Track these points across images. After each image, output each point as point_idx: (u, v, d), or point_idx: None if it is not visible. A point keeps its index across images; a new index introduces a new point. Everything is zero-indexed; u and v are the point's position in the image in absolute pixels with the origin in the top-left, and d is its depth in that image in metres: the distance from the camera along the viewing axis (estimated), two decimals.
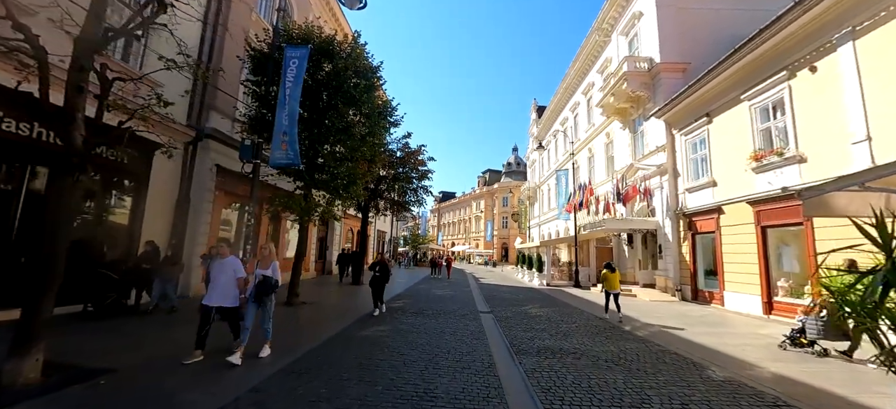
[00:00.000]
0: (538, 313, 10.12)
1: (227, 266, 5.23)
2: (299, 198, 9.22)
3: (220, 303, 5.07)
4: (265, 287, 5.32)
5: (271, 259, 5.56)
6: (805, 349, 6.41)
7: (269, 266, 5.47)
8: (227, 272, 5.18)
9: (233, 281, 5.18)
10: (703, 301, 12.73)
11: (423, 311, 9.70)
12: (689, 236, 13.54)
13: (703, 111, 12.92)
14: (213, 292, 5.10)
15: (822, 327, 6.11)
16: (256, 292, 5.28)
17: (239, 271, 5.23)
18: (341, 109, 8.77)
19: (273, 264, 5.52)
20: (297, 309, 9.08)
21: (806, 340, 6.40)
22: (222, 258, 5.32)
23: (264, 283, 5.33)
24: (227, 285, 5.14)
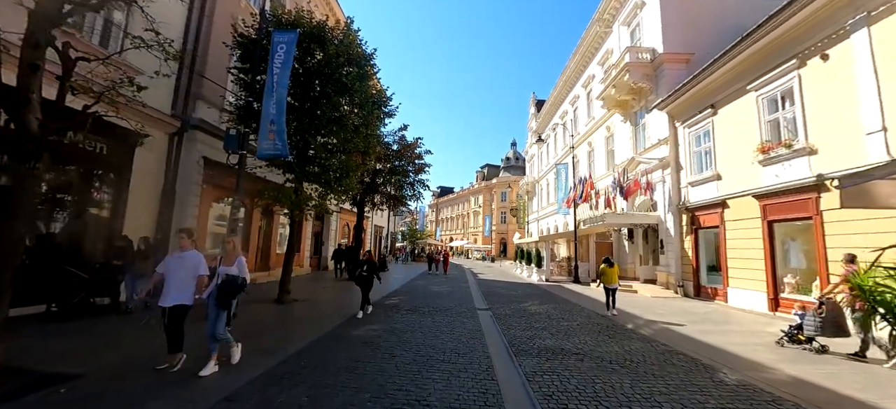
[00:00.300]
0: (537, 310, 9.80)
1: (188, 261, 4.51)
2: (289, 191, 8.84)
3: (174, 302, 4.36)
4: (229, 288, 4.57)
5: (236, 255, 4.85)
6: (802, 345, 6.26)
7: (233, 263, 4.76)
8: (185, 268, 4.47)
9: (191, 279, 4.47)
10: (706, 298, 12.44)
11: (419, 308, 9.37)
12: (692, 231, 13.23)
13: (708, 103, 12.56)
14: (169, 291, 4.39)
15: (820, 324, 6.02)
16: (219, 293, 4.51)
17: (200, 268, 4.54)
18: (333, 98, 8.36)
19: (238, 261, 4.80)
20: (287, 307, 8.73)
21: (803, 336, 6.27)
22: (182, 251, 4.61)
23: (229, 283, 4.57)
24: (185, 282, 4.43)
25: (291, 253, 9.53)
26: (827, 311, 6.08)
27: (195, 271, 4.50)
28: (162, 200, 9.25)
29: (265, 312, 8.19)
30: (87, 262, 6.77)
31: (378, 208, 16.87)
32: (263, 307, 8.58)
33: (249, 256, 12.82)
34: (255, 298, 9.62)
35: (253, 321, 7.19)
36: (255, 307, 8.50)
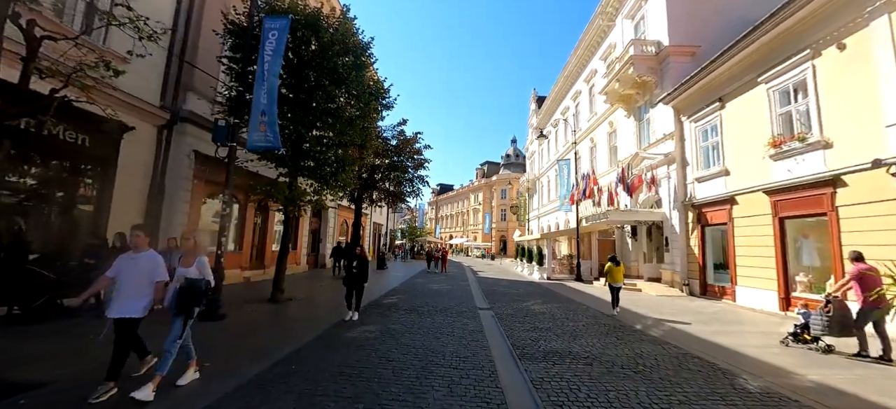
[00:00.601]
0: (541, 309, 9.46)
1: (142, 263, 3.75)
2: (283, 186, 8.48)
3: (122, 314, 3.62)
4: (190, 294, 3.85)
5: (197, 254, 4.16)
6: (808, 345, 6.10)
7: (192, 263, 4.04)
8: (140, 271, 3.72)
9: (146, 285, 3.74)
10: (713, 296, 12.11)
11: (418, 308, 9.03)
12: (698, 228, 12.88)
13: (716, 96, 12.19)
14: (118, 299, 3.65)
15: (827, 323, 5.87)
16: (178, 300, 3.82)
17: (157, 272, 3.81)
18: (328, 88, 7.99)
19: (199, 261, 4.09)
20: (280, 307, 8.38)
21: (809, 336, 6.11)
22: (136, 251, 3.81)
23: (189, 288, 3.86)
24: (139, 288, 3.70)
25: (285, 250, 9.18)
26: (834, 310, 5.90)
27: (152, 276, 3.78)
28: (150, 195, 8.89)
29: (257, 311, 7.84)
30: (57, 261, 6.26)
31: (376, 204, 16.48)
32: (256, 307, 8.24)
33: (244, 253, 12.48)
34: (248, 297, 9.30)
35: (244, 322, 6.85)
36: (248, 307, 8.16)
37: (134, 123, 8.36)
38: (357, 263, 7.64)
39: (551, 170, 31.51)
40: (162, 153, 9.17)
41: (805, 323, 6.22)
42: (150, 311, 3.81)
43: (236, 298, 9.10)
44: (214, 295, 6.74)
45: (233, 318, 6.96)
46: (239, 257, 12.24)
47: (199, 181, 10.20)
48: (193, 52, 9.93)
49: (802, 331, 6.22)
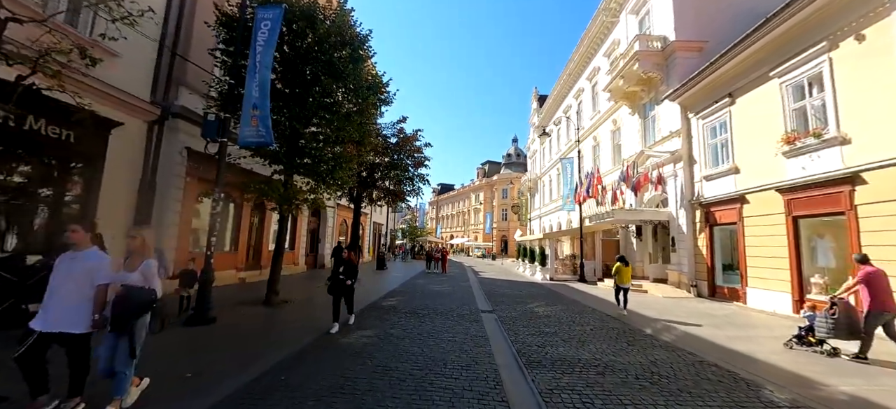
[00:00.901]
0: (546, 312, 9.11)
1: (83, 263, 3.18)
2: (278, 184, 8.14)
3: (58, 328, 3.05)
4: (128, 305, 3.18)
5: (144, 255, 3.39)
6: (813, 347, 5.99)
7: (137, 267, 3.31)
8: (79, 274, 3.15)
9: (85, 291, 3.16)
10: (722, 298, 11.75)
11: (418, 311, 8.68)
12: (707, 228, 12.52)
13: (725, 92, 11.83)
14: (49, 308, 3.07)
15: (833, 326, 5.76)
16: (114, 312, 3.16)
17: (99, 274, 3.21)
18: (324, 81, 7.64)
19: (145, 265, 3.33)
20: (274, 310, 8.04)
21: (814, 338, 6.02)
22: (76, 250, 3.24)
23: (127, 298, 3.20)
24: (77, 295, 3.12)
25: (281, 251, 8.84)
26: (839, 312, 5.77)
27: (92, 279, 3.17)
28: (140, 193, 8.55)
29: (250, 314, 7.51)
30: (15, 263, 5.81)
31: (376, 204, 16.14)
32: (249, 310, 7.90)
33: (239, 253, 12.15)
34: (242, 298, 8.97)
35: (234, 326, 6.51)
36: (240, 310, 7.82)
37: (122, 118, 8.02)
38: (343, 268, 6.71)
39: (553, 169, 31.16)
40: (153, 150, 8.84)
41: (810, 326, 6.10)
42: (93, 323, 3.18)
43: (229, 299, 8.77)
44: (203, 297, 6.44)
45: (223, 321, 6.63)
46: (234, 257, 11.91)
47: (192, 179, 9.87)
48: (186, 46, 9.60)
49: (807, 334, 6.10)
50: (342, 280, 6.66)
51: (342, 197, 15.68)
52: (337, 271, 6.74)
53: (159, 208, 8.96)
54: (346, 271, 6.73)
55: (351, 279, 6.74)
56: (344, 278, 6.68)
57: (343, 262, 6.76)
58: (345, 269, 6.71)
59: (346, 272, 6.70)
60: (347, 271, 6.74)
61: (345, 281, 6.69)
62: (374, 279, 15.78)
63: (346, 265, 6.75)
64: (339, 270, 6.73)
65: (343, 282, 6.67)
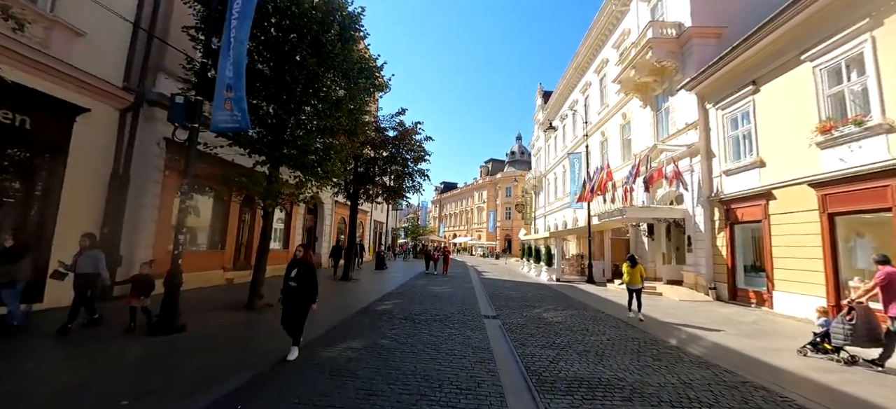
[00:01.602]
0: (555, 318, 8.30)
1: None
2: (259, 176, 7.36)
3: None
4: None
5: None
6: (829, 355, 5.66)
7: None
8: None
9: None
10: (744, 302, 10.89)
11: (415, 316, 7.90)
12: (727, 226, 11.64)
13: (748, 79, 10.94)
14: None
15: (850, 332, 5.38)
16: None
17: None
18: (309, 61, 6.86)
19: None
20: (255, 315, 7.28)
21: (830, 345, 5.67)
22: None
23: None
24: None
25: (265, 250, 8.09)
26: (857, 318, 5.39)
27: None
28: (111, 187, 7.83)
29: (226, 322, 6.75)
30: None
31: (374, 201, 15.35)
32: (227, 315, 7.15)
33: (227, 252, 11.42)
34: (223, 301, 8.23)
35: (203, 336, 5.76)
36: (217, 316, 7.07)
37: (89, 104, 7.30)
38: (297, 273, 4.82)
39: (558, 166, 30.31)
40: (126, 140, 8.11)
41: (825, 332, 5.76)
42: None
43: (210, 303, 8.04)
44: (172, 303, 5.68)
45: (193, 330, 5.88)
46: (221, 256, 11.18)
47: (172, 173, 9.12)
48: (165, 27, 8.86)
49: (823, 340, 5.77)
50: (293, 290, 4.78)
51: (339, 194, 14.92)
52: (288, 279, 4.86)
53: (134, 203, 8.24)
54: (300, 278, 4.79)
55: (307, 292, 4.80)
56: (296, 283, 4.77)
57: (298, 264, 4.87)
58: (297, 274, 4.80)
59: (298, 278, 4.78)
60: (301, 277, 4.79)
61: (298, 293, 4.77)
62: (372, 280, 15.03)
63: (299, 269, 4.83)
64: (291, 276, 4.83)
65: (295, 293, 4.78)
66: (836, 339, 5.54)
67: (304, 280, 4.83)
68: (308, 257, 5.02)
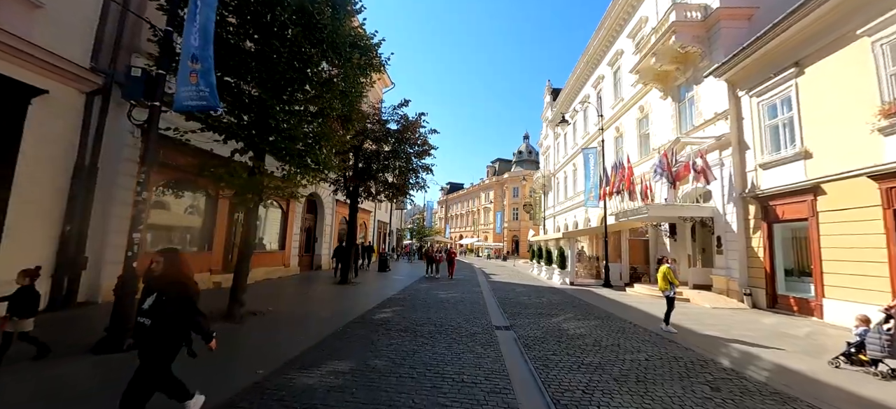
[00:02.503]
0: (578, 329, 7.24)
1: None
2: (237, 167, 6.42)
3: None
4: None
5: None
6: (864, 367, 5.14)
7: None
8: None
9: None
10: (785, 309, 9.72)
11: (416, 327, 6.90)
12: (764, 225, 10.48)
13: (789, 61, 9.79)
14: None
15: (888, 343, 4.94)
16: None
17: None
18: (293, 33, 5.91)
19: None
20: (232, 328, 6.31)
21: (866, 357, 5.14)
22: None
23: None
24: None
25: (247, 252, 7.16)
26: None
27: None
28: (75, 179, 6.95)
29: None
30: None
31: (376, 199, 14.41)
32: None
33: (215, 254, 10.53)
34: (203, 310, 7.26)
35: None
36: None
37: (47, 85, 6.42)
38: (154, 302, 2.85)
39: (569, 165, 29.18)
40: (93, 128, 7.23)
41: (860, 342, 5.23)
42: None
43: None
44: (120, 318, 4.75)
45: None
46: (208, 258, 10.29)
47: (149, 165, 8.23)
48: (142, 3, 7.98)
49: (858, 351, 5.25)
50: (144, 331, 2.81)
51: (338, 192, 14.02)
52: (140, 307, 2.88)
53: (103, 198, 7.36)
54: (156, 312, 2.82)
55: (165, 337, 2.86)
56: (148, 326, 2.80)
57: (156, 287, 2.91)
58: (154, 304, 2.83)
59: (153, 311, 2.82)
60: (159, 310, 2.83)
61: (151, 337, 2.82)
62: (373, 283, 14.08)
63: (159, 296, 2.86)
64: (144, 307, 2.84)
65: (146, 337, 2.82)
66: (871, 350, 5.04)
67: (162, 315, 2.81)
68: (174, 273, 2.99)
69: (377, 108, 13.62)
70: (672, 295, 7.38)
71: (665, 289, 7.43)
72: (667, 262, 7.62)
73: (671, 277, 7.38)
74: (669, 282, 7.35)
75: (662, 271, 7.54)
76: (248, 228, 7.10)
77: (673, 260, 9.23)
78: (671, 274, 7.39)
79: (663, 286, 7.48)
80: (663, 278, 7.47)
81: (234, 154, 6.52)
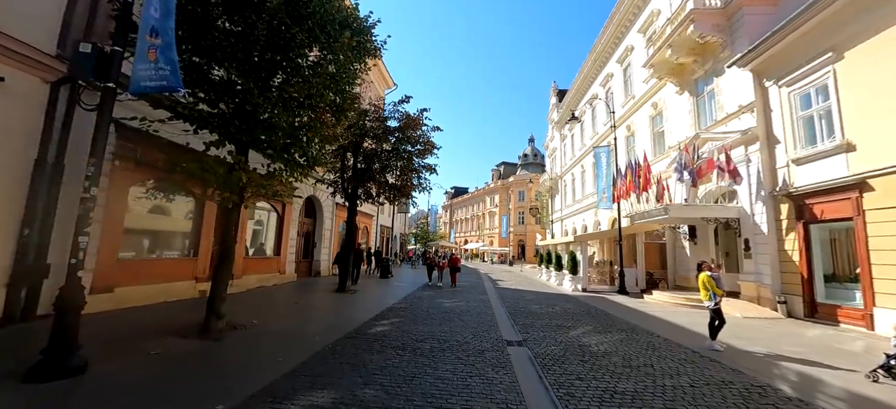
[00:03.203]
0: (601, 345, 6.36)
1: None
2: (210, 161, 5.65)
3: None
4: None
5: None
6: None
7: None
8: None
9: None
10: (827, 320, 8.76)
11: (417, 343, 6.06)
12: (799, 226, 9.55)
13: (824, 46, 8.92)
14: None
15: None
16: None
17: None
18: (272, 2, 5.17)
19: None
20: (205, 347, 5.50)
21: None
22: None
23: None
24: None
25: (228, 256, 6.38)
26: None
27: None
28: (36, 177, 6.24)
29: (162, 353, 5.01)
30: None
31: (376, 201, 13.62)
32: (168, 344, 5.39)
33: (200, 259, 9.78)
34: (176, 324, 6.47)
35: (98, 387, 3.97)
36: (153, 345, 5.30)
37: (3, 71, 5.75)
38: None
39: (576, 167, 28.31)
40: (59, 120, 6.53)
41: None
42: None
43: (159, 325, 6.33)
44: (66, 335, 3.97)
45: (98, 370, 4.15)
46: (192, 264, 9.55)
47: (124, 164, 7.53)
48: None
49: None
50: None
51: (336, 193, 13.26)
52: None
53: (70, 198, 6.63)
54: None
55: None
56: None
57: None
58: None
59: None
60: None
61: None
62: (373, 291, 13.27)
63: None
64: None
65: None
66: None
67: None
68: None
69: (379, 106, 12.86)
70: (716, 306, 6.32)
71: (706, 299, 6.48)
72: (707, 268, 6.62)
73: (712, 286, 6.34)
74: (710, 291, 6.37)
75: (702, 280, 6.58)
76: (228, 230, 6.33)
77: (717, 266, 8.11)
78: (712, 283, 6.34)
79: (704, 296, 6.52)
80: (703, 287, 6.52)
81: (209, 148, 5.75)
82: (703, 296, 6.56)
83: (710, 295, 6.39)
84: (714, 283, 6.40)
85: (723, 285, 6.53)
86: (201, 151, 5.80)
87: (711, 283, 6.41)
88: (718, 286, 6.37)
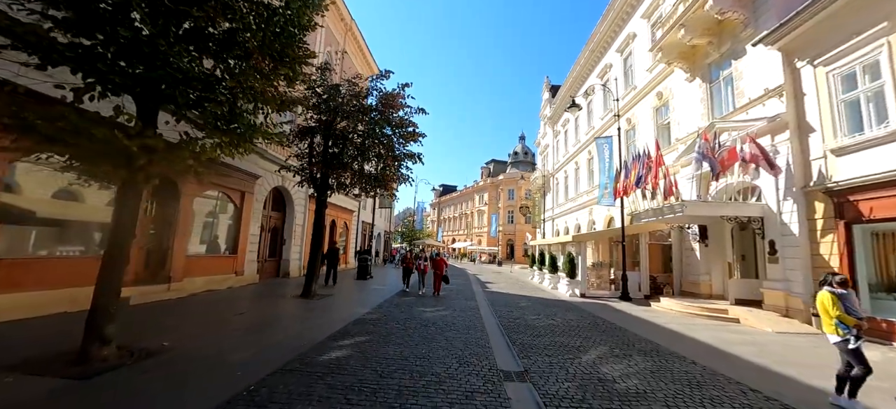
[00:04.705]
0: (628, 379, 4.79)
1: None
2: (75, 118, 3.85)
3: None
4: None
5: None
6: None
7: None
8: None
9: None
10: (878, 337, 7.42)
11: (381, 380, 4.40)
12: (840, 226, 8.22)
13: (877, 15, 7.58)
14: None
15: None
16: None
17: None
18: None
19: None
20: (74, 387, 3.74)
21: None
22: None
23: None
24: None
25: (116, 256, 4.62)
26: None
27: None
28: None
29: (17, 397, 3.25)
30: None
31: (348, 191, 11.85)
32: (13, 387, 3.63)
33: (131, 259, 7.89)
34: (54, 349, 4.66)
35: None
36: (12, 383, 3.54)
37: None
38: None
39: (570, 163, 26.98)
40: None
41: None
42: None
43: (18, 349, 4.51)
44: None
45: None
46: None
47: None
48: None
49: None
50: None
51: (303, 183, 11.46)
52: None
53: None
54: None
55: None
56: None
57: None
58: None
59: None
60: None
61: None
62: (345, 296, 11.54)
63: None
64: None
65: None
66: None
67: None
68: None
69: (355, 82, 11.09)
70: (854, 346, 4.01)
71: (831, 333, 4.18)
72: (833, 284, 4.32)
73: (840, 312, 4.08)
74: (837, 321, 4.11)
75: (822, 302, 4.27)
76: (120, 220, 4.56)
77: (850, 286, 4.55)
78: (838, 307, 4.09)
79: (829, 328, 4.21)
80: (825, 313, 4.23)
81: (79, 96, 3.94)
82: (827, 327, 4.25)
83: (837, 326, 4.12)
84: (841, 307, 4.13)
85: (858, 311, 4.23)
86: (69, 102, 3.99)
87: (838, 306, 4.13)
88: (851, 312, 4.12)
